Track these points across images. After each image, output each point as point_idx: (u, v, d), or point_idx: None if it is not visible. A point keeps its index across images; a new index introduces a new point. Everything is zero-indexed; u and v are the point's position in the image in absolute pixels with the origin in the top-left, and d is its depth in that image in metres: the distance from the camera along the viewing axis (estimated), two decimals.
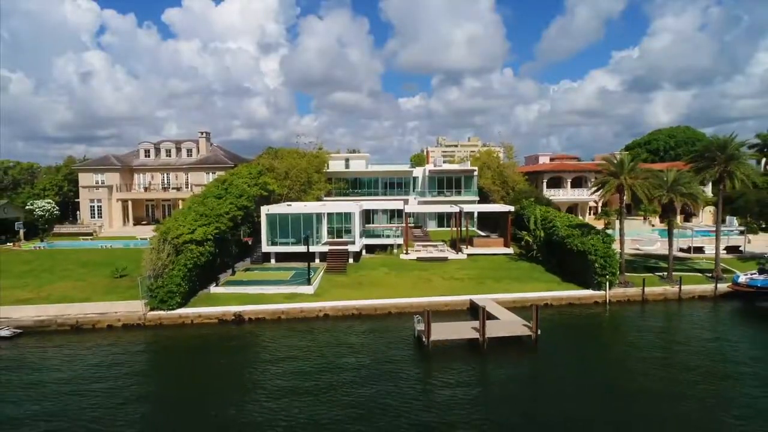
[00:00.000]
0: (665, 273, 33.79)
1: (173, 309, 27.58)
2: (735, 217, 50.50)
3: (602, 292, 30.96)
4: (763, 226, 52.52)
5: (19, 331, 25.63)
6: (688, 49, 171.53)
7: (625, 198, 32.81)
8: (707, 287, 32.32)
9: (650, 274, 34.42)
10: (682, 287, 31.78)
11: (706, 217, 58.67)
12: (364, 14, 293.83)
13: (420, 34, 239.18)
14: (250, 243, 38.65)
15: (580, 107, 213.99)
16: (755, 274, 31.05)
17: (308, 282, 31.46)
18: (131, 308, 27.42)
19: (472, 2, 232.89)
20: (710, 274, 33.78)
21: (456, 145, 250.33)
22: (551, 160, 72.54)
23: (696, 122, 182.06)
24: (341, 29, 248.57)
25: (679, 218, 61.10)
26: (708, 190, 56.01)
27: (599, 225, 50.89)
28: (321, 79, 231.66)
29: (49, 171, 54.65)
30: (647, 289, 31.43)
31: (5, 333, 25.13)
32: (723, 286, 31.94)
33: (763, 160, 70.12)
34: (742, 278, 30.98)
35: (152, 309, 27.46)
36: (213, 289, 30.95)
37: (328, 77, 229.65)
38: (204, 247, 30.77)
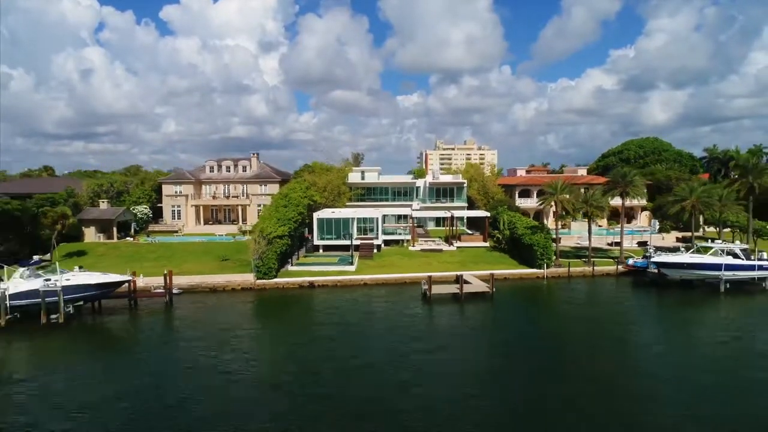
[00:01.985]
0: (587, 258, 50.57)
1: (271, 279, 44.23)
2: (657, 220, 67.23)
3: (542, 271, 47.67)
4: (681, 226, 69.32)
5: (181, 291, 42.20)
6: (684, 49, 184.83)
7: (557, 209, 49.63)
8: (612, 268, 49.17)
9: (577, 259, 51.25)
10: (595, 268, 48.61)
11: (643, 220, 75.48)
12: (364, 13, 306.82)
13: (418, 34, 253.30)
14: (309, 238, 55.28)
15: (578, 106, 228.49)
16: (638, 258, 47.88)
17: (351, 263, 48.19)
18: (245, 278, 44.09)
19: (469, 2, 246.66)
20: (617, 259, 50.60)
21: (453, 149, 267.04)
22: (527, 172, 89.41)
23: (693, 122, 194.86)
24: (340, 27, 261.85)
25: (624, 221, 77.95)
26: (644, 200, 72.81)
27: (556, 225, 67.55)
28: (320, 78, 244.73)
29: (138, 182, 71.09)
30: (572, 269, 48.23)
31: (176, 291, 41.71)
32: (621, 267, 48.80)
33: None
34: (631, 261, 47.82)
35: (258, 279, 44.10)
36: (290, 267, 47.66)
37: (328, 75, 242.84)
38: (283, 240, 47.34)
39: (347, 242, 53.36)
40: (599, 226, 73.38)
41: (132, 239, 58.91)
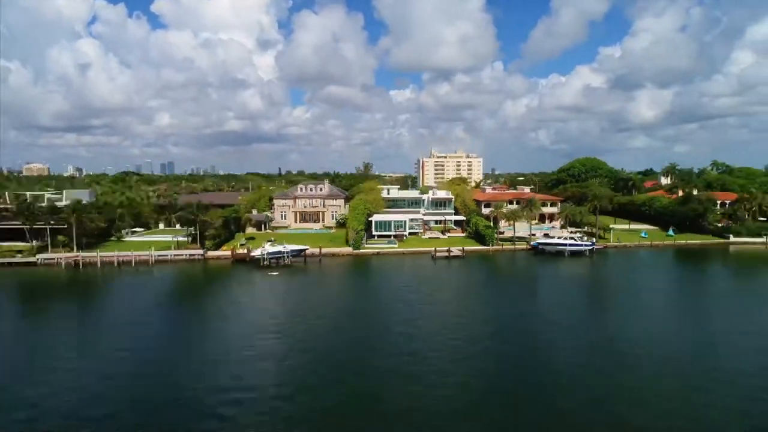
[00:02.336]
0: (513, 242, 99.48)
1: (359, 250, 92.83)
2: (562, 221, 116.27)
3: (489, 247, 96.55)
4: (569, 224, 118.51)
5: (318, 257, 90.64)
6: (670, 49, 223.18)
7: (498, 217, 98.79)
8: (525, 246, 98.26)
9: (509, 243, 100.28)
10: (517, 246, 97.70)
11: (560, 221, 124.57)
12: (359, 10, 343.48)
13: (412, 33, 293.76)
14: (369, 230, 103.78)
15: (568, 103, 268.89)
16: (542, 239, 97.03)
17: (394, 244, 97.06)
18: (347, 249, 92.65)
19: (462, 2, 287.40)
20: (528, 242, 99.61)
21: (445, 157, 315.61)
22: (493, 189, 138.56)
23: (678, 118, 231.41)
24: (335, 24, 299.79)
25: (548, 221, 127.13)
26: (558, 208, 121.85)
27: (508, 223, 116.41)
28: (314, 74, 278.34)
29: (258, 197, 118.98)
30: (504, 247, 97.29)
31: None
32: (528, 246, 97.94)
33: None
34: (532, 243, 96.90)
35: (353, 249, 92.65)
36: (364, 245, 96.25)
37: (322, 71, 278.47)
38: (361, 231, 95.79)
39: (390, 233, 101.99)
40: (532, 224, 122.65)
41: (271, 231, 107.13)
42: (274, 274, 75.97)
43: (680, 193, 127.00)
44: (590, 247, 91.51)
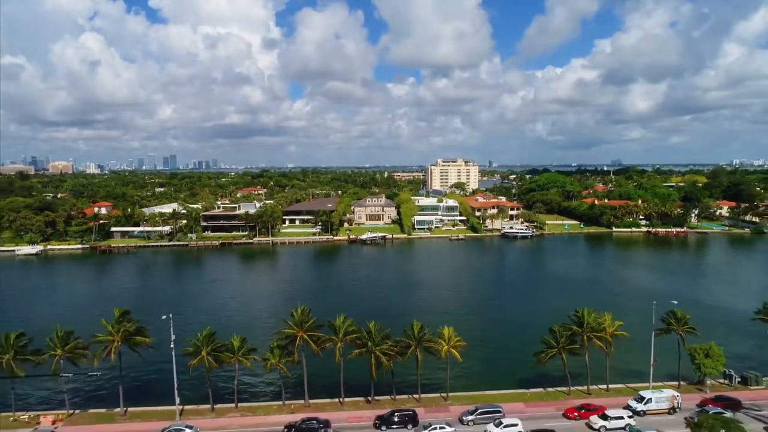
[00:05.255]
0: (492, 231, 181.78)
1: (410, 235, 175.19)
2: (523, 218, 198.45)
3: (480, 234, 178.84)
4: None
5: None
6: (659, 45, 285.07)
7: (483, 216, 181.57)
8: (498, 234, 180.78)
9: (490, 231, 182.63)
10: (495, 233, 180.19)
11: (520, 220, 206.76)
12: (359, 7, 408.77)
13: (411, 31, 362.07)
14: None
15: (563, 96, 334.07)
16: (507, 229, 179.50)
17: (428, 232, 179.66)
18: (404, 235, 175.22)
19: (459, 1, 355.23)
20: (499, 231, 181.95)
21: (449, 165, 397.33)
22: (483, 198, 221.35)
23: (672, 111, 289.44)
24: (337, 22, 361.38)
25: (514, 219, 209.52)
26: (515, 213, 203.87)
27: (490, 221, 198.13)
28: (315, 69, 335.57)
29: (343, 206, 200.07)
30: (489, 234, 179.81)
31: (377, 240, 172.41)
32: (500, 233, 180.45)
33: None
34: (502, 232, 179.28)
35: (407, 235, 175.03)
36: (413, 233, 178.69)
37: (323, 67, 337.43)
38: (411, 225, 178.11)
39: (425, 227, 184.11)
40: (508, 221, 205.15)
41: (356, 225, 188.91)
42: (371, 245, 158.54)
43: (606, 200, 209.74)
44: (532, 234, 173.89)
